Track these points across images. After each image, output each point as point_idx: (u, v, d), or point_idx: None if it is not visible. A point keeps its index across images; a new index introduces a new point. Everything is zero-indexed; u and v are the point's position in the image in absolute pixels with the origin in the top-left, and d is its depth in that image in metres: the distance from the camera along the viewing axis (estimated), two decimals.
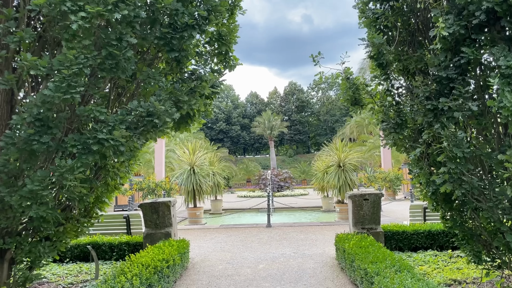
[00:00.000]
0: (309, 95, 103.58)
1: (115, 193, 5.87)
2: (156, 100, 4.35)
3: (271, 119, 72.51)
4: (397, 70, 5.42)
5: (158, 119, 4.34)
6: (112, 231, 8.88)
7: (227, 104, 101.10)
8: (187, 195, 13.97)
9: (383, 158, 24.46)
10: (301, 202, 22.14)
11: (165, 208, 7.84)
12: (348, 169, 13.91)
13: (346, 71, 5.71)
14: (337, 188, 13.90)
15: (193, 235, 11.59)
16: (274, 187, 32.64)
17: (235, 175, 52.04)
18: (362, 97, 5.52)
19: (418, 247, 8.13)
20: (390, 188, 22.83)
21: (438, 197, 4.88)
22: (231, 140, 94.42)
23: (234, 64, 5.59)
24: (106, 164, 4.76)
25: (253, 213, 18.63)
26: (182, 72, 4.79)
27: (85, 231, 5.57)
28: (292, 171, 55.76)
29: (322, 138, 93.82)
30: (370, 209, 7.87)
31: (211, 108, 5.40)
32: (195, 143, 14.48)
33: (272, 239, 10.50)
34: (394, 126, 5.08)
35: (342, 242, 7.00)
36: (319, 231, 11.48)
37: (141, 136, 4.41)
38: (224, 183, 21.21)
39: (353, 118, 55.16)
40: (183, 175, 14.03)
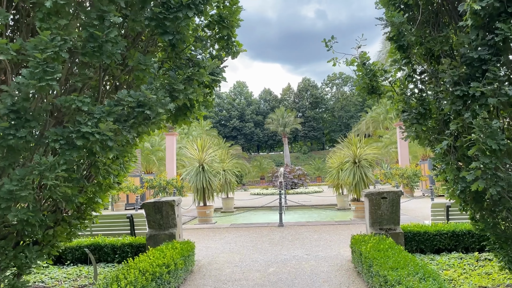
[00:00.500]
0: (323, 91, 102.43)
1: (112, 192, 5.44)
2: (148, 89, 3.88)
3: (285, 116, 71.87)
4: (418, 55, 4.84)
5: (150, 110, 3.87)
6: (115, 231, 8.49)
7: (240, 101, 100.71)
8: (197, 193, 13.55)
9: (400, 154, 23.70)
10: (315, 199, 21.57)
11: (169, 208, 7.40)
12: (363, 165, 13.30)
13: (362, 56, 5.15)
14: (352, 186, 13.31)
15: (201, 235, 11.17)
16: (288, 184, 32.08)
17: (249, 172, 51.63)
18: (379, 84, 4.95)
19: (441, 249, 7.53)
20: (407, 185, 22.09)
21: (468, 195, 4.30)
22: (244, 137, 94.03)
23: (238, 51, 5.08)
24: (96, 161, 4.31)
25: (266, 211, 18.15)
26: (179, 58, 4.31)
27: (78, 234, 5.15)
28: (306, 168, 55.11)
29: (337, 134, 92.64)
30: (389, 208, 7.29)
31: (212, 98, 4.91)
32: (205, 140, 14.04)
33: (284, 239, 10.00)
34: (417, 117, 4.51)
35: (359, 244, 6.46)
36: (333, 231, 10.93)
37: (132, 129, 3.94)
38: (236, 180, 20.79)
39: (369, 114, 54.17)
40: (192, 172, 13.61)
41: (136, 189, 20.99)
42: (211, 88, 4.75)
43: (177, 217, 7.60)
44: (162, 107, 3.95)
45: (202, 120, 5.80)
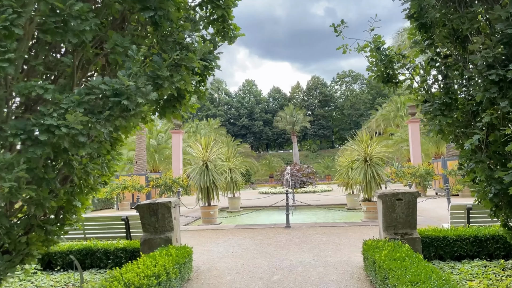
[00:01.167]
0: (332, 89, 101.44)
1: (96, 194, 4.88)
2: (126, 75, 3.31)
3: (294, 114, 71.13)
4: (441, 38, 4.19)
5: (128, 100, 3.30)
6: (110, 234, 7.97)
7: (249, 100, 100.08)
8: (200, 192, 13.00)
9: (412, 152, 22.90)
10: (324, 199, 20.92)
11: (165, 210, 6.85)
12: (375, 163, 12.63)
13: (376, 39, 4.51)
14: (363, 185, 12.65)
15: (204, 237, 10.62)
16: (296, 183, 31.42)
17: (257, 171, 51.08)
18: (396, 72, 4.32)
19: (462, 256, 6.86)
20: (420, 184, 21.31)
21: (503, 199, 3.66)
22: (253, 136, 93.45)
23: (235, 35, 4.48)
24: (70, 160, 3.75)
25: (273, 211, 17.55)
26: (165, 41, 3.73)
27: (57, 240, 4.61)
28: (315, 166, 54.37)
29: (346, 132, 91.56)
30: (404, 211, 6.65)
31: (205, 89, 4.31)
32: (209, 137, 13.47)
33: (290, 242, 9.39)
34: (441, 107, 3.88)
35: (372, 251, 5.83)
36: (343, 233, 10.30)
37: (108, 122, 3.37)
38: (243, 179, 20.23)
39: (379, 111, 53.31)
40: (196, 171, 13.06)
41: (141, 188, 20.56)
42: (204, 77, 4.16)
43: (174, 220, 7.04)
44: (142, 97, 3.37)
45: (194, 110, 5.19)
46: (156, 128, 30.51)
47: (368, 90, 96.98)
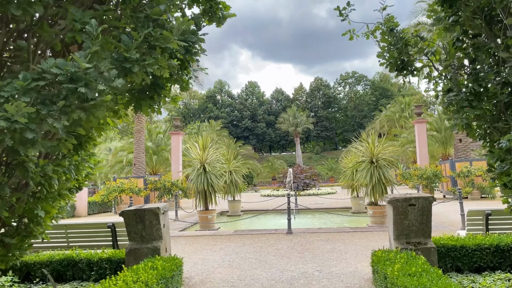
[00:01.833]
0: (335, 91, 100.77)
1: (65, 202, 4.26)
2: (83, 56, 2.68)
3: (297, 115, 70.47)
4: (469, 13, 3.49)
5: (86, 87, 2.67)
6: (95, 243, 7.34)
7: (252, 101, 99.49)
8: (198, 196, 12.37)
9: (419, 153, 22.18)
10: (328, 202, 20.23)
11: (153, 216, 6.21)
12: (382, 165, 11.96)
13: (389, 20, 3.87)
14: (369, 188, 11.97)
15: (200, 243, 9.98)
16: (299, 185, 30.75)
17: (260, 173, 50.41)
18: (412, 58, 3.67)
19: (482, 267, 6.19)
20: (427, 186, 20.59)
21: None
22: (256, 138, 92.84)
23: (224, 16, 3.87)
24: (24, 161, 3.12)
25: (275, 215, 16.89)
26: (135, 17, 3.10)
27: (20, 255, 3.98)
28: (319, 168, 53.73)
29: (350, 134, 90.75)
30: (418, 218, 5.99)
31: (188, 77, 3.67)
32: (206, 138, 12.83)
33: (292, 250, 8.74)
34: (469, 97, 3.23)
35: (382, 264, 5.17)
36: (349, 240, 9.63)
37: (63, 115, 2.74)
38: (244, 182, 19.60)
39: (383, 112, 52.60)
40: (193, 174, 12.44)
41: (139, 191, 19.95)
42: (186, 63, 3.53)
43: (163, 228, 6.41)
44: (105, 83, 2.74)
45: (176, 104, 4.78)
46: (155, 129, 29.94)
47: (372, 91, 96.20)
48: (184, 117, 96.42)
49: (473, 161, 20.22)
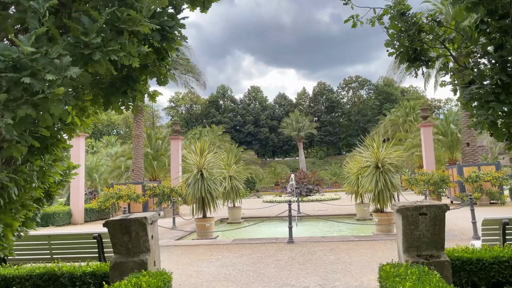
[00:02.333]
0: (339, 95, 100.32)
1: (30, 213, 3.76)
2: (27, 39, 2.18)
3: (300, 120, 69.93)
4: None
5: (33, 78, 2.18)
6: (80, 255, 6.83)
7: (255, 106, 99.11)
8: (195, 203, 11.85)
9: (425, 157, 21.57)
10: (332, 208, 19.66)
11: (140, 227, 5.69)
12: (388, 170, 11.41)
13: (399, 3, 3.35)
14: (374, 194, 11.41)
15: (196, 253, 9.45)
16: (302, 190, 30.16)
17: (262, 178, 49.81)
18: (427, 46, 3.15)
19: (500, 283, 5.62)
20: (434, 192, 19.97)
21: None
22: (259, 143, 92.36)
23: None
24: None
25: (276, 222, 16.35)
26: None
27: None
28: (322, 173, 53.11)
29: (354, 139, 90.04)
30: (430, 228, 5.44)
31: (167, 69, 3.16)
32: (204, 143, 12.32)
33: (293, 261, 8.19)
34: (495, 90, 2.71)
35: (391, 280, 4.62)
36: (353, 249, 9.08)
37: (6, 111, 2.25)
38: (246, 187, 19.10)
39: (387, 116, 52.02)
40: (190, 180, 11.93)
41: (137, 198, 19.46)
42: (164, 53, 3.03)
43: (151, 239, 5.89)
44: (57, 73, 2.24)
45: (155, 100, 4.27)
46: (155, 135, 29.45)
47: (376, 95, 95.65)
48: (186, 122, 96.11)
49: (482, 166, 19.61)
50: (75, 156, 19.47)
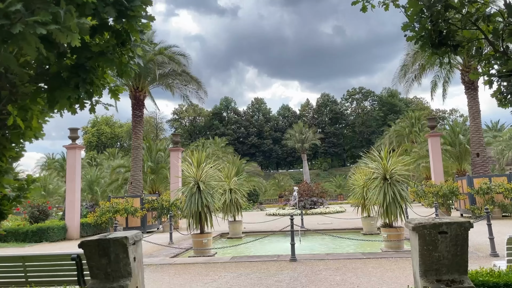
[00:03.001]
0: (343, 106, 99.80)
1: None
2: None
3: (303, 131, 69.27)
4: None
5: None
6: (57, 278, 6.14)
7: (258, 118, 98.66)
8: (191, 218, 11.15)
9: (433, 169, 20.80)
10: (337, 222, 18.87)
11: (120, 248, 5.02)
12: (396, 182, 10.70)
13: None
14: (382, 208, 10.69)
15: (191, 273, 8.73)
16: (306, 203, 29.35)
17: (266, 190, 48.98)
18: (455, 27, 2.53)
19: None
20: (443, 204, 19.17)
21: None
22: (263, 155, 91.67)
23: None
24: None
25: (279, 237, 15.61)
26: None
27: None
28: (327, 185, 52.20)
29: (358, 150, 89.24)
30: (451, 249, 4.74)
31: (131, 56, 2.53)
32: (201, 153, 11.67)
33: (295, 282, 7.46)
34: None
35: None
36: (361, 269, 8.33)
37: None
38: (248, 200, 18.40)
39: (392, 127, 51.30)
40: (186, 193, 11.27)
41: (135, 211, 18.77)
42: (124, 35, 2.41)
43: (134, 262, 5.21)
44: None
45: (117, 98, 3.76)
46: (156, 146, 28.84)
47: (380, 107, 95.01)
48: (190, 135, 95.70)
49: (492, 177, 18.82)
50: (71, 169, 18.89)
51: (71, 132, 18.96)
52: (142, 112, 21.27)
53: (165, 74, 21.30)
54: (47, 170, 57.22)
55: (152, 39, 21.32)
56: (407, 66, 21.06)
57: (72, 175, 18.84)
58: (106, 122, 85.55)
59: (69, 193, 18.71)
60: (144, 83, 20.76)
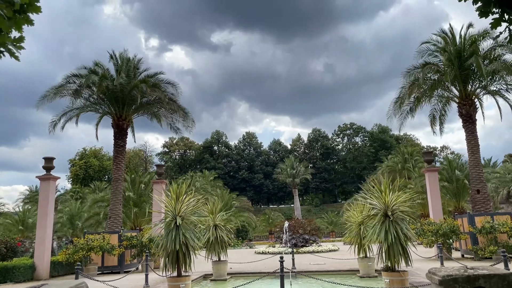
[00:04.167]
0: (334, 142, 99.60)
1: None
2: None
3: (295, 166, 68.17)
4: None
5: None
6: None
7: (249, 152, 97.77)
8: (167, 258, 9.80)
9: (431, 205, 19.69)
10: (331, 262, 17.49)
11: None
12: (399, 219, 9.56)
13: None
14: (384, 248, 9.48)
15: None
16: (298, 241, 27.86)
17: (255, 226, 47.21)
18: None
19: None
20: (443, 244, 17.91)
21: None
22: (254, 189, 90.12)
23: None
24: None
25: (268, 279, 14.13)
26: None
27: None
28: (318, 222, 50.65)
29: (350, 186, 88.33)
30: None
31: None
32: (182, 185, 10.45)
33: None
34: None
35: None
36: None
37: None
38: (235, 237, 17.02)
39: (384, 163, 50.51)
40: (163, 229, 9.98)
41: (111, 249, 17.24)
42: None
43: None
44: None
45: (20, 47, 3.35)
46: (139, 178, 27.50)
47: (371, 142, 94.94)
48: (180, 168, 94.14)
49: (495, 215, 17.74)
50: (44, 201, 17.45)
51: (45, 161, 17.66)
52: (125, 142, 20.12)
53: (150, 102, 20.36)
54: (29, 203, 55.13)
55: (138, 66, 20.51)
56: (402, 98, 20.39)
57: (45, 208, 17.39)
58: (94, 154, 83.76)
59: (40, 229, 17.19)
60: (128, 111, 19.74)
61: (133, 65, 20.16)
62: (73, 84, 18.98)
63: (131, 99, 18.94)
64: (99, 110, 20.47)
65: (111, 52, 20.07)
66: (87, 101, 20.09)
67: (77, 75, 18.89)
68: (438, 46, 19.87)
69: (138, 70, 20.40)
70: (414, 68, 19.65)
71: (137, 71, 20.34)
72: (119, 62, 19.98)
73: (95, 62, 19.44)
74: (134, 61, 20.33)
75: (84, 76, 18.52)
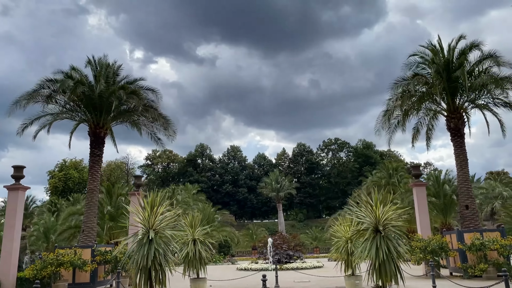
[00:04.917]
0: (318, 157, 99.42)
1: None
2: None
3: (279, 180, 67.42)
4: None
5: None
6: None
7: (234, 166, 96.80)
8: (139, 275, 8.90)
9: (419, 221, 19.14)
10: (316, 280, 16.68)
11: None
12: (391, 234, 8.90)
13: None
14: (374, 266, 8.78)
15: None
16: (282, 257, 26.98)
17: (238, 242, 46.06)
18: None
19: None
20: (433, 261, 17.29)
21: None
22: (237, 204, 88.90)
23: None
24: None
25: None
26: None
27: None
28: (302, 237, 49.82)
29: (334, 201, 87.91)
30: None
31: None
32: (155, 196, 9.61)
33: None
34: None
35: None
36: None
37: None
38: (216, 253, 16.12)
39: (369, 178, 50.13)
40: (134, 244, 9.09)
41: (83, 265, 16.09)
42: None
43: None
44: None
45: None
46: (117, 190, 26.39)
47: (355, 158, 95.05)
48: (162, 181, 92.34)
49: (484, 232, 17.25)
50: (11, 213, 16.30)
51: (15, 170, 16.56)
52: (102, 151, 19.11)
53: (130, 110, 19.47)
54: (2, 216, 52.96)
55: (118, 72, 19.66)
56: (391, 111, 19.95)
57: (12, 220, 16.24)
58: (74, 166, 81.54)
59: (6, 242, 16.00)
60: (106, 119, 18.80)
61: (113, 71, 19.31)
62: (47, 89, 17.99)
63: (109, 106, 18.04)
64: (75, 118, 19.44)
65: (90, 57, 19.20)
66: (63, 107, 19.09)
67: (52, 80, 17.91)
68: (426, 59, 19.58)
69: (118, 77, 19.55)
70: (402, 80, 19.28)
71: (117, 78, 19.48)
72: (98, 68, 19.11)
73: (72, 67, 18.51)
74: (114, 67, 19.48)
75: (59, 81, 17.57)
